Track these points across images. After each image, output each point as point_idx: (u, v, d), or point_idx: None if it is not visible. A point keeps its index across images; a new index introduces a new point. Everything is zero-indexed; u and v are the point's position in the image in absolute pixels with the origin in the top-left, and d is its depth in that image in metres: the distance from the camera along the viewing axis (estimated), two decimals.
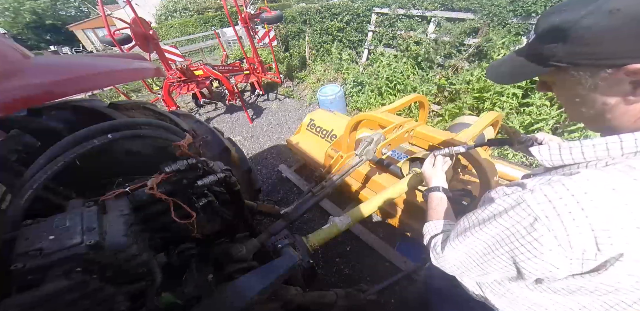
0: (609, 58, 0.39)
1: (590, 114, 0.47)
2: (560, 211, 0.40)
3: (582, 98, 0.46)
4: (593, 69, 0.41)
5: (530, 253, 0.44)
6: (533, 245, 0.43)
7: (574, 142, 0.46)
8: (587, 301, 0.51)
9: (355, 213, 1.27)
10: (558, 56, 0.44)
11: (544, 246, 0.42)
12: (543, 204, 0.42)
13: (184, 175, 0.93)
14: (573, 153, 0.46)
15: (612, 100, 0.42)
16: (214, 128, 1.65)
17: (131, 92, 6.47)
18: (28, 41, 21.69)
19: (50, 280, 0.59)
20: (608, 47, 0.38)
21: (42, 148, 0.86)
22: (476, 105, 3.01)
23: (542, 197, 0.42)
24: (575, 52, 0.41)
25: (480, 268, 0.55)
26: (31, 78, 0.79)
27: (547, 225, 0.41)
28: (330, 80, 4.92)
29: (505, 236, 0.47)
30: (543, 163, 0.51)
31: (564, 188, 0.40)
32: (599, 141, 0.43)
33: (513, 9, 3.02)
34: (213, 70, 4.14)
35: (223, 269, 1.06)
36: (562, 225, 0.40)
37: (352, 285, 1.54)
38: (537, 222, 0.42)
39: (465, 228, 0.55)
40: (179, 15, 14.82)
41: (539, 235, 0.42)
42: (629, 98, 0.41)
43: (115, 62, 1.18)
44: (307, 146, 2.48)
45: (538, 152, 0.51)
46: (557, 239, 0.41)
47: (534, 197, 0.43)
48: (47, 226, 0.67)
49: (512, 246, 0.46)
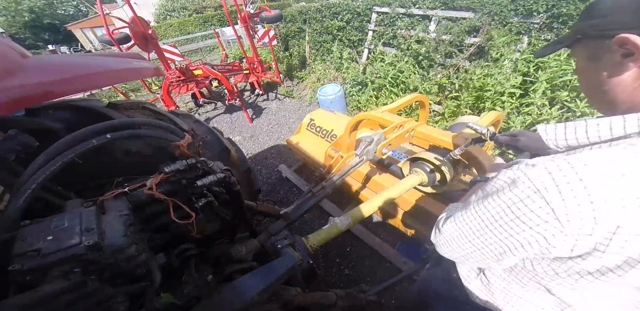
0: (608, 29, 0.44)
1: (593, 86, 0.51)
2: (559, 182, 0.40)
3: (589, 69, 0.50)
4: (598, 39, 0.47)
5: (526, 224, 0.44)
6: (529, 217, 0.43)
7: (579, 121, 0.46)
8: (593, 295, 0.50)
9: (355, 214, 1.27)
10: (578, 28, 0.51)
11: (540, 218, 0.42)
12: (543, 176, 0.42)
13: (183, 175, 0.93)
14: (577, 132, 0.46)
15: (607, 70, 0.47)
16: (214, 128, 1.65)
17: (130, 92, 6.46)
18: (26, 40, 21.59)
19: (49, 281, 0.58)
20: (610, 20, 0.44)
21: (40, 148, 0.86)
22: (477, 104, 3.01)
23: (542, 169, 0.42)
24: (590, 24, 0.48)
25: (471, 245, 0.54)
26: (29, 78, 0.79)
27: (546, 197, 0.41)
28: (330, 80, 4.91)
29: (501, 210, 0.47)
30: (548, 143, 0.51)
31: (565, 162, 0.41)
32: (603, 120, 0.44)
33: (514, 8, 3.02)
34: (212, 69, 4.13)
35: (223, 269, 1.05)
36: (560, 196, 0.40)
37: (352, 285, 1.54)
38: (536, 194, 0.42)
39: (468, 204, 0.56)
40: (177, 14, 14.79)
41: (537, 206, 0.42)
42: (621, 68, 0.45)
43: (114, 62, 1.18)
44: (307, 146, 2.48)
45: (544, 130, 0.51)
46: (554, 212, 0.41)
47: (534, 170, 0.43)
48: (45, 226, 0.67)
49: (507, 219, 0.46)
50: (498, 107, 2.82)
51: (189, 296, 0.88)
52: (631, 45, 0.41)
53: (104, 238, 0.68)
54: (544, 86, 2.52)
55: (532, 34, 2.96)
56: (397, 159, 2.02)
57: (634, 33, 0.41)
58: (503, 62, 2.95)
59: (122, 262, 0.69)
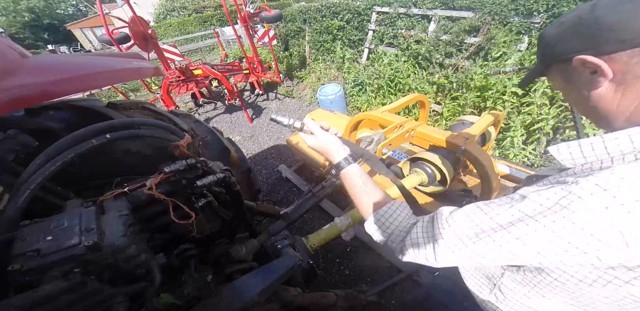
0: (565, 54, 0.49)
1: (582, 105, 0.53)
2: (622, 200, 0.36)
3: (570, 90, 0.54)
4: (564, 64, 0.50)
5: (581, 249, 0.39)
6: (587, 240, 0.38)
7: (595, 138, 0.45)
8: None
9: (355, 214, 1.27)
10: (541, 56, 0.56)
11: (601, 242, 0.38)
12: (597, 194, 0.37)
13: (183, 175, 0.92)
14: (595, 148, 0.45)
15: (585, 88, 0.49)
16: (214, 128, 1.65)
17: (130, 92, 6.45)
18: (25, 40, 21.59)
19: (49, 281, 0.58)
20: (560, 47, 0.50)
21: (40, 148, 0.86)
22: (478, 104, 3.01)
23: (593, 187, 0.38)
24: (547, 53, 0.53)
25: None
26: (29, 78, 0.78)
27: (610, 217, 0.37)
28: (330, 80, 4.91)
29: (550, 234, 0.41)
30: (564, 162, 0.49)
31: (616, 177, 0.38)
32: (621, 134, 0.43)
33: (514, 8, 3.02)
34: (212, 69, 4.13)
35: (222, 270, 1.05)
36: (627, 217, 0.36)
37: (353, 285, 1.54)
38: (593, 214, 0.38)
39: (480, 232, 0.47)
40: (177, 14, 14.78)
41: (599, 229, 0.37)
42: (595, 84, 0.47)
43: (114, 62, 1.17)
44: (307, 146, 2.48)
45: (557, 151, 0.49)
46: (622, 235, 0.36)
47: (582, 188, 0.39)
48: (45, 226, 0.67)
49: (559, 244, 0.40)
50: (499, 106, 2.82)
51: (189, 296, 0.88)
52: (590, 64, 0.45)
53: (104, 239, 0.68)
54: (544, 86, 2.52)
55: (533, 34, 2.96)
56: (397, 159, 2.02)
57: (588, 54, 0.45)
58: (506, 61, 2.95)
59: (122, 262, 0.69)
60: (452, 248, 0.50)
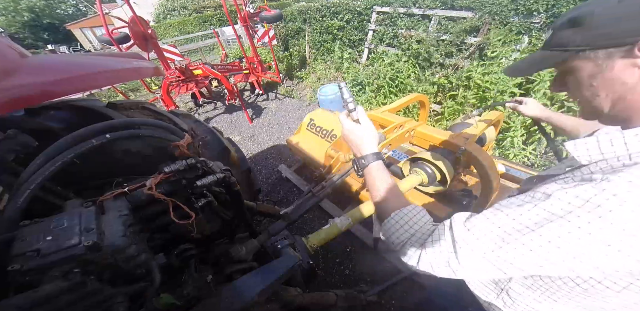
0: (622, 37, 0.42)
1: (608, 100, 0.46)
2: None
3: (601, 81, 0.46)
4: (609, 48, 0.44)
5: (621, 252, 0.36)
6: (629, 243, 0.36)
7: (615, 133, 0.43)
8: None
9: (355, 214, 1.27)
10: (577, 41, 0.47)
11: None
12: (636, 191, 0.35)
13: (183, 175, 0.92)
14: (615, 144, 0.42)
15: (630, 78, 0.43)
16: (213, 128, 1.65)
17: (130, 92, 6.45)
18: (25, 40, 21.59)
19: (48, 281, 0.58)
20: (621, 27, 0.42)
21: (39, 148, 0.86)
22: (478, 104, 3.01)
23: (627, 184, 0.35)
24: (592, 34, 0.45)
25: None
26: (28, 78, 0.78)
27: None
28: (330, 80, 4.91)
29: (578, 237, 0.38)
30: (579, 159, 0.47)
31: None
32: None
33: (514, 8, 3.02)
34: (212, 69, 4.13)
35: (222, 270, 1.05)
36: None
37: (353, 285, 1.54)
38: (634, 213, 0.35)
39: (505, 235, 0.43)
40: (177, 14, 14.78)
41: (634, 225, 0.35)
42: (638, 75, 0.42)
43: (114, 62, 1.17)
44: (307, 146, 2.48)
45: (574, 147, 0.47)
46: None
47: (616, 185, 0.36)
48: (45, 226, 0.66)
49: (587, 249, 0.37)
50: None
51: (189, 296, 0.88)
52: None
53: (104, 239, 0.67)
54: (545, 86, 2.52)
55: (533, 34, 2.96)
56: (397, 159, 2.02)
57: None
58: (500, 60, 2.95)
59: (122, 262, 0.69)
60: (477, 253, 0.46)
